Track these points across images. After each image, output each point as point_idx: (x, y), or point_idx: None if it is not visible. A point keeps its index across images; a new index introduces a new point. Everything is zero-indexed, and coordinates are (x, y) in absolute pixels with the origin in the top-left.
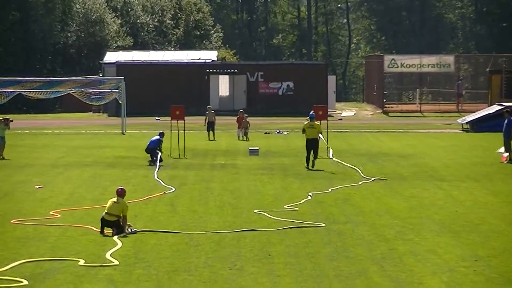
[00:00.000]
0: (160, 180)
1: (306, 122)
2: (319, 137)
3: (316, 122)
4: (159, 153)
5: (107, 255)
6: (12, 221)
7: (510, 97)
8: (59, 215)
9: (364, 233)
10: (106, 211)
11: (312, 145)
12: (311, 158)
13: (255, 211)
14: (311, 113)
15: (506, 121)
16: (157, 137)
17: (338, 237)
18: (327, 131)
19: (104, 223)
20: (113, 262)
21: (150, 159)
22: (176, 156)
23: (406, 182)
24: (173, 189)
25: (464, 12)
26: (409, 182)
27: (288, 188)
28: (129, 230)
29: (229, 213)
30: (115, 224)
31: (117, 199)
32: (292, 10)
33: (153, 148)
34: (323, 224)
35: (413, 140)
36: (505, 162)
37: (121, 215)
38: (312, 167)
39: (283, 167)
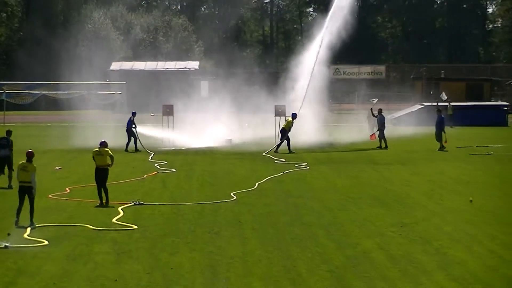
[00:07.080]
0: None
1: (290, 119)
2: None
3: (289, 120)
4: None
5: (115, 220)
6: (50, 196)
7: (429, 99)
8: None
9: (314, 205)
10: (20, 180)
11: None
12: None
13: (232, 193)
14: (294, 113)
15: (437, 118)
16: (131, 117)
17: (294, 208)
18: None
19: (22, 190)
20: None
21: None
22: (167, 144)
23: (350, 165)
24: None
25: (393, 31)
26: (352, 165)
27: (256, 170)
28: (133, 202)
29: (208, 189)
30: (29, 189)
31: (24, 167)
32: (258, 29)
33: (129, 129)
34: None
35: (353, 132)
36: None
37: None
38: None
39: (252, 154)
